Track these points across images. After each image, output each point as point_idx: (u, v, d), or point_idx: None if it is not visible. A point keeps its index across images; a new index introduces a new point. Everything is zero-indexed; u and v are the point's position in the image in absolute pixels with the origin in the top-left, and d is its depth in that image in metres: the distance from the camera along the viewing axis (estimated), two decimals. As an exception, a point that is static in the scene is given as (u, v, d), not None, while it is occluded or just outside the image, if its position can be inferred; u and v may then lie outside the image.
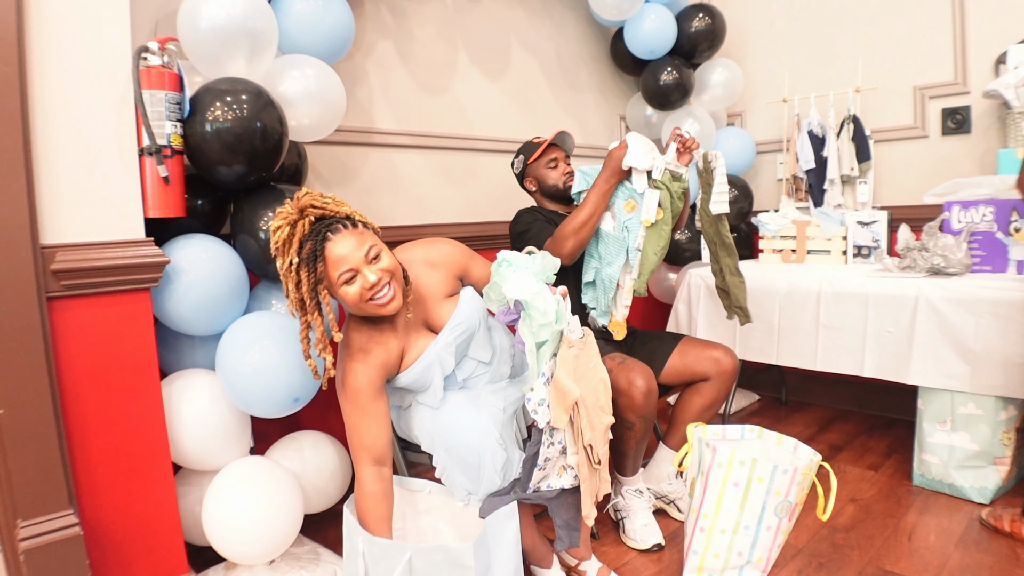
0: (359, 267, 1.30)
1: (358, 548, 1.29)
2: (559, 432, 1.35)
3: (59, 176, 1.31)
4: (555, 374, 1.30)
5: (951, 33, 2.49)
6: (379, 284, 1.31)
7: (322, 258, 1.27)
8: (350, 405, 1.37)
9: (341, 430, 2.00)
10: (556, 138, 2.06)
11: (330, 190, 2.12)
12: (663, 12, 2.63)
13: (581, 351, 1.37)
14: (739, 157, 2.90)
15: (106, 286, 1.35)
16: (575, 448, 1.35)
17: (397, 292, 1.34)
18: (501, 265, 1.32)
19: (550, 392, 1.30)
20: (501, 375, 1.57)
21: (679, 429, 1.91)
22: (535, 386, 1.30)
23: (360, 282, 1.30)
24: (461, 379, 1.51)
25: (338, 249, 1.28)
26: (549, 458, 1.35)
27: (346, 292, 1.31)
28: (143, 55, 1.40)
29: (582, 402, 1.33)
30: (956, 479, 1.98)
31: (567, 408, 1.30)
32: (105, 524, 1.38)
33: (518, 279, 1.29)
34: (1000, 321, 1.86)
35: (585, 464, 1.36)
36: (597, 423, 1.38)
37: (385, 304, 1.33)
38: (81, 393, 1.35)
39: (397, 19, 2.29)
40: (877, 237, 2.40)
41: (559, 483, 1.38)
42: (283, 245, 1.29)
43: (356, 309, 1.35)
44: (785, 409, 2.93)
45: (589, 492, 1.37)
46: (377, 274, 1.31)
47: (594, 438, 1.35)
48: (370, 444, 1.36)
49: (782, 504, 1.47)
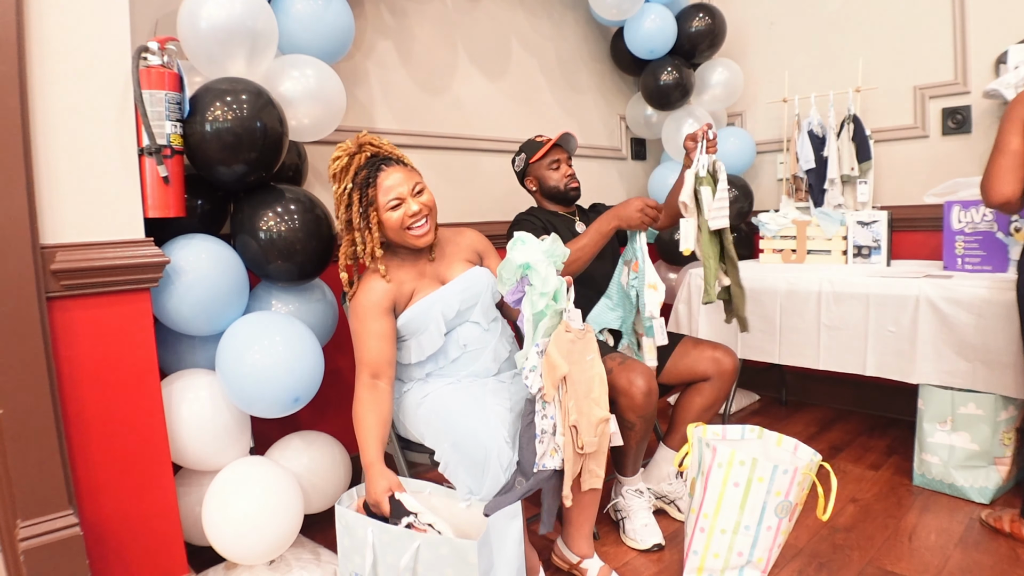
0: (405, 197, 1.49)
1: (367, 539, 1.29)
2: (551, 407, 1.38)
3: (59, 176, 1.31)
4: (548, 348, 1.37)
5: (951, 33, 2.49)
6: (419, 214, 1.50)
7: (374, 184, 1.47)
8: (358, 322, 1.51)
9: (341, 430, 2.00)
10: (560, 139, 2.05)
11: (330, 190, 2.12)
12: (663, 12, 2.64)
13: (579, 340, 1.42)
14: (739, 157, 2.90)
15: (106, 286, 1.35)
16: (563, 428, 1.39)
17: (431, 227, 1.53)
18: (517, 242, 1.41)
19: (542, 364, 1.37)
20: (499, 357, 1.61)
21: (679, 429, 1.91)
22: (528, 354, 1.37)
23: (404, 209, 1.49)
24: (462, 343, 1.58)
25: (389, 180, 1.48)
26: (545, 430, 1.38)
27: (390, 217, 1.49)
28: (143, 55, 1.40)
29: (570, 380, 1.38)
30: (956, 479, 1.98)
31: (555, 382, 1.36)
32: (105, 524, 1.38)
33: (527, 249, 1.39)
34: (1000, 321, 1.86)
35: (570, 446, 1.39)
36: (587, 411, 1.41)
37: (421, 235, 1.51)
38: (81, 393, 1.35)
39: (397, 19, 2.29)
40: (877, 237, 2.40)
41: (552, 464, 1.40)
42: (340, 172, 1.49)
43: (395, 235, 1.52)
44: (785, 409, 2.93)
45: (569, 474, 1.40)
46: (419, 205, 1.50)
47: (580, 423, 1.39)
48: (369, 359, 1.48)
49: (782, 504, 1.47)
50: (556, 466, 1.40)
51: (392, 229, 1.50)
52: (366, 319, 1.50)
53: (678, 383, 1.95)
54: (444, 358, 1.59)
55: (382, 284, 1.52)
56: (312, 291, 1.76)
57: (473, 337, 1.59)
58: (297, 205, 1.60)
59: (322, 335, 1.77)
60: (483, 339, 1.60)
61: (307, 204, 1.63)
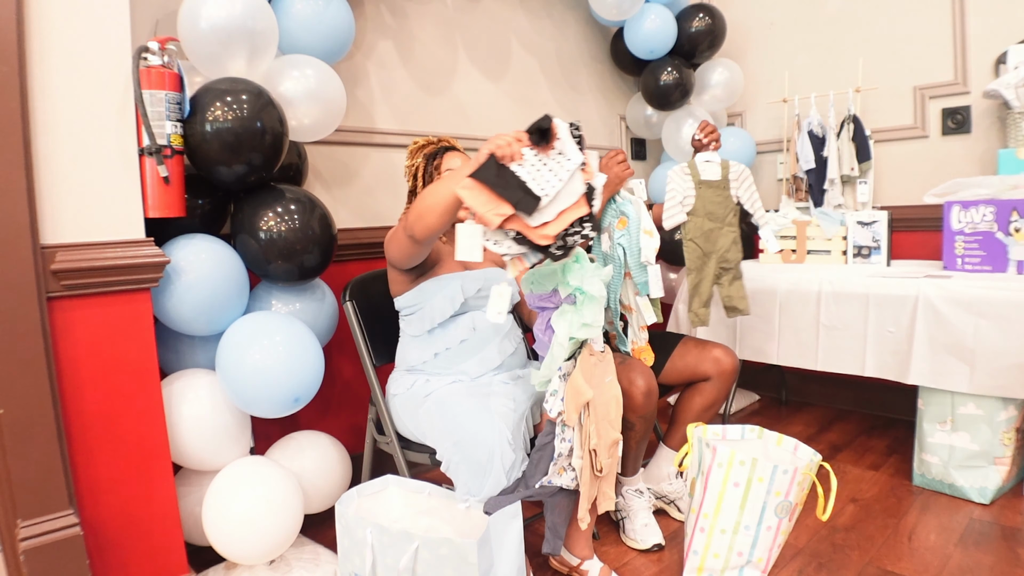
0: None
1: (366, 540, 1.29)
2: (569, 430, 1.38)
3: (59, 176, 1.31)
4: (573, 373, 1.36)
5: (951, 33, 2.49)
6: None
7: (440, 158, 1.70)
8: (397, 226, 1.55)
9: (341, 430, 2.00)
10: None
11: (330, 190, 2.12)
12: (663, 12, 2.63)
13: (600, 363, 1.42)
14: (739, 157, 2.89)
15: (106, 286, 1.35)
16: (581, 452, 1.38)
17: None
18: (575, 260, 1.34)
19: (565, 389, 1.35)
20: (504, 351, 1.63)
21: (679, 429, 1.91)
22: (551, 377, 1.37)
23: None
24: (472, 326, 1.62)
25: (452, 160, 1.70)
26: (562, 453, 1.38)
27: None
28: (143, 55, 1.39)
29: (593, 406, 1.37)
30: (956, 479, 1.98)
31: (578, 407, 1.35)
32: (105, 524, 1.38)
33: (590, 276, 1.33)
34: (1000, 321, 1.85)
35: (588, 469, 1.39)
36: (604, 434, 1.40)
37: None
38: (81, 393, 1.35)
39: (397, 19, 2.29)
40: (877, 237, 2.40)
41: (559, 481, 1.39)
42: (416, 149, 1.73)
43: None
44: (785, 409, 2.93)
45: (586, 497, 1.40)
46: None
47: (599, 446, 1.39)
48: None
49: (782, 504, 1.47)
50: (564, 484, 1.40)
51: None
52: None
53: (678, 383, 1.95)
54: (452, 337, 1.60)
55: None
56: (312, 291, 1.76)
57: (484, 324, 1.63)
58: (297, 205, 1.60)
59: (322, 335, 1.77)
60: (492, 328, 1.64)
61: (307, 204, 1.63)
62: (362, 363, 1.73)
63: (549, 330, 1.39)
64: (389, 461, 1.72)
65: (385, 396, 1.70)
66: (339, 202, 2.14)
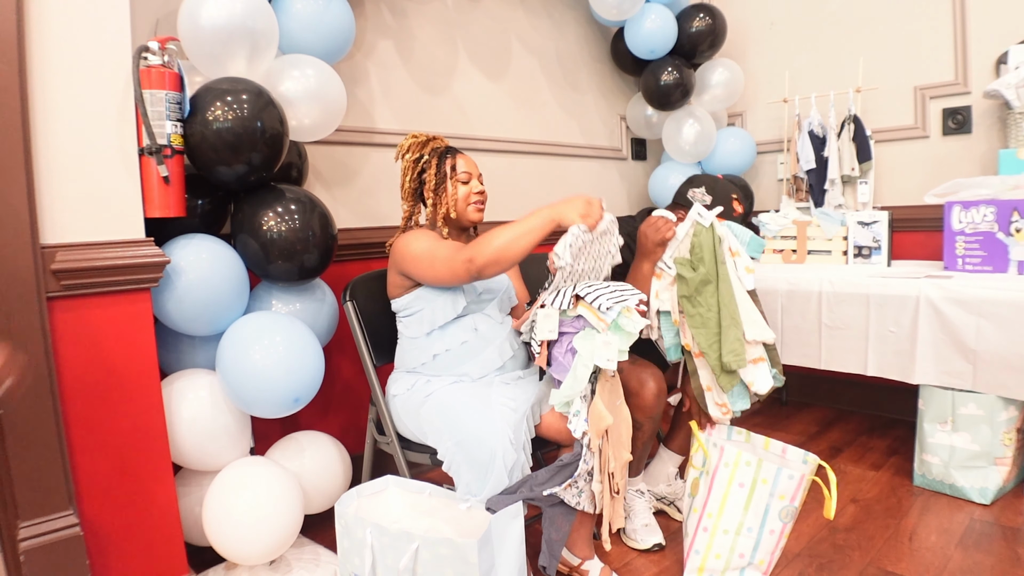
0: (475, 175, 1.67)
1: (366, 540, 1.29)
2: (590, 454, 1.40)
3: (59, 176, 1.31)
4: (594, 400, 1.39)
5: (952, 33, 2.49)
6: (483, 195, 1.67)
7: (451, 157, 1.65)
8: (428, 240, 1.57)
9: (341, 430, 2.00)
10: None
11: (330, 190, 2.12)
12: (663, 12, 2.63)
13: (614, 387, 1.46)
14: (739, 157, 2.90)
15: (106, 286, 1.35)
16: (600, 476, 1.41)
17: (483, 212, 1.69)
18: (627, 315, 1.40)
19: (587, 410, 1.40)
20: (504, 354, 1.62)
21: (681, 430, 1.91)
22: (573, 399, 1.41)
23: (472, 186, 1.65)
24: (474, 327, 1.62)
25: (465, 163, 1.67)
26: (581, 474, 1.40)
27: (459, 187, 1.64)
28: (143, 55, 1.39)
29: (613, 431, 1.41)
30: (957, 479, 1.98)
31: (599, 432, 1.38)
32: (105, 524, 1.38)
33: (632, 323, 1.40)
34: (1001, 321, 1.85)
35: (607, 491, 1.42)
36: (619, 456, 1.44)
37: (479, 211, 1.66)
38: (81, 393, 1.34)
39: (397, 19, 2.29)
40: (878, 237, 2.40)
41: (565, 496, 1.41)
42: (416, 146, 1.66)
43: (458, 205, 1.64)
44: (785, 409, 2.93)
45: (605, 517, 1.45)
46: (482, 188, 1.68)
47: (616, 469, 1.43)
48: (458, 247, 1.53)
49: (787, 509, 1.46)
50: (567, 500, 1.41)
51: (457, 199, 1.64)
52: (435, 238, 1.59)
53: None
54: (453, 338, 1.60)
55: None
56: (312, 291, 1.76)
57: (485, 326, 1.62)
58: (297, 205, 1.60)
59: (322, 335, 1.77)
60: (494, 330, 1.63)
61: (307, 204, 1.63)
62: (362, 363, 1.72)
63: (569, 353, 1.42)
64: (389, 461, 1.72)
65: (385, 396, 1.70)
66: (339, 202, 2.14)
